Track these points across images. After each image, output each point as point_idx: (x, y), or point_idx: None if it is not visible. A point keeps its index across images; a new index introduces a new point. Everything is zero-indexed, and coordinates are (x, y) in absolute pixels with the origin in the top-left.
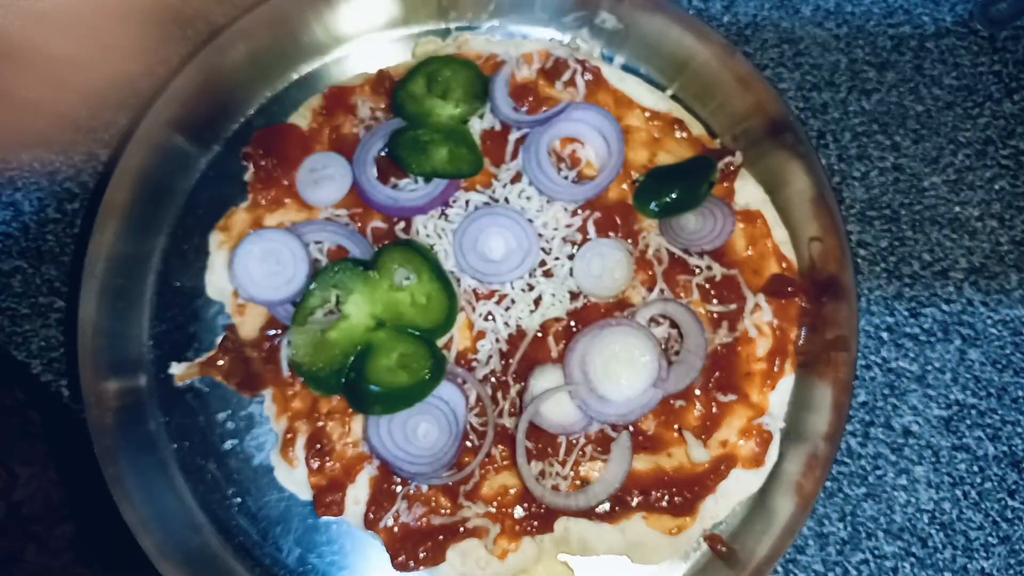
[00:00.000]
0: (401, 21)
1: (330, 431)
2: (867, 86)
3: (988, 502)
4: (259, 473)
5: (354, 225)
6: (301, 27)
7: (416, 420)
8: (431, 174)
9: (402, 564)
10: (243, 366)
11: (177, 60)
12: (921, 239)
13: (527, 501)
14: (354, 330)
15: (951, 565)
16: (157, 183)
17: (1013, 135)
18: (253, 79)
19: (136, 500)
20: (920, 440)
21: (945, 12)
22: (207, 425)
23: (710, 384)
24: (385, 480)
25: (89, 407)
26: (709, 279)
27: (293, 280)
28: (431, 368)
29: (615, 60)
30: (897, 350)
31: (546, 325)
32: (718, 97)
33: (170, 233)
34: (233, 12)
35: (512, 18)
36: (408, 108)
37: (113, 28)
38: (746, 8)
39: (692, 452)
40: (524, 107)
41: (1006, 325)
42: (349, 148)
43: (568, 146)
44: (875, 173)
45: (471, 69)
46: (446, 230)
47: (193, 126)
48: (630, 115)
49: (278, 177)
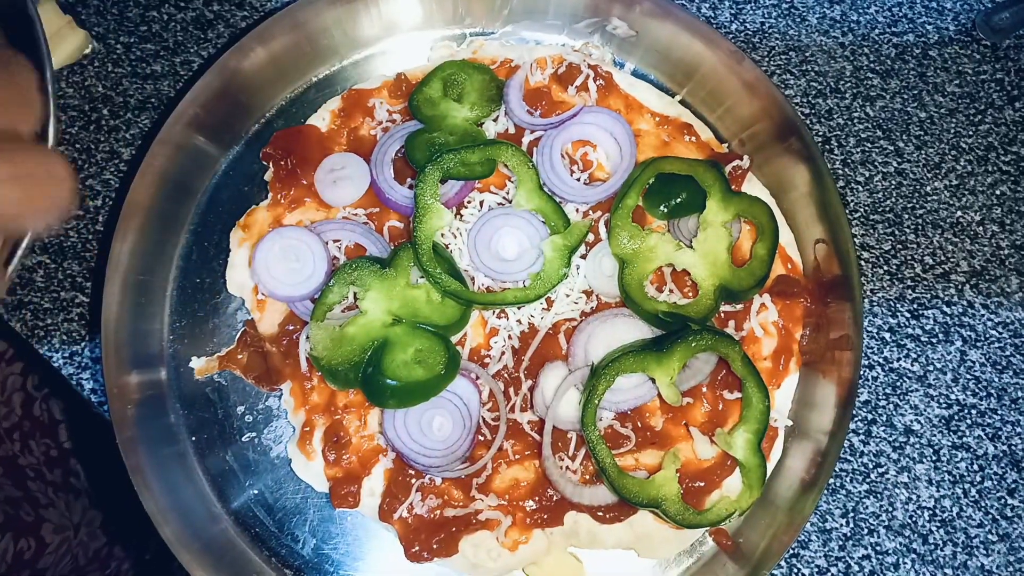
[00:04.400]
0: (418, 26)
1: (347, 424)
2: (871, 93)
3: (988, 500)
4: (276, 465)
5: (371, 224)
6: (320, 31)
7: (431, 414)
8: (446, 176)
9: (416, 555)
10: (262, 361)
11: (198, 63)
12: (923, 242)
13: (538, 494)
14: (371, 326)
15: (951, 561)
16: (179, 182)
17: (1014, 142)
18: (273, 81)
19: (156, 490)
20: (921, 439)
21: (948, 21)
22: (226, 418)
23: (717, 382)
24: (400, 472)
25: (111, 400)
26: None
27: (312, 277)
28: (446, 363)
29: (626, 66)
30: (899, 350)
31: (557, 323)
32: (726, 102)
33: (192, 231)
34: (254, 16)
35: (525, 24)
36: (424, 111)
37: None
38: (754, 16)
39: (698, 448)
40: (537, 111)
41: (1006, 327)
42: (367, 149)
43: (580, 149)
44: (879, 178)
45: (486, 73)
46: (461, 230)
47: (214, 127)
48: (640, 119)
49: (298, 177)
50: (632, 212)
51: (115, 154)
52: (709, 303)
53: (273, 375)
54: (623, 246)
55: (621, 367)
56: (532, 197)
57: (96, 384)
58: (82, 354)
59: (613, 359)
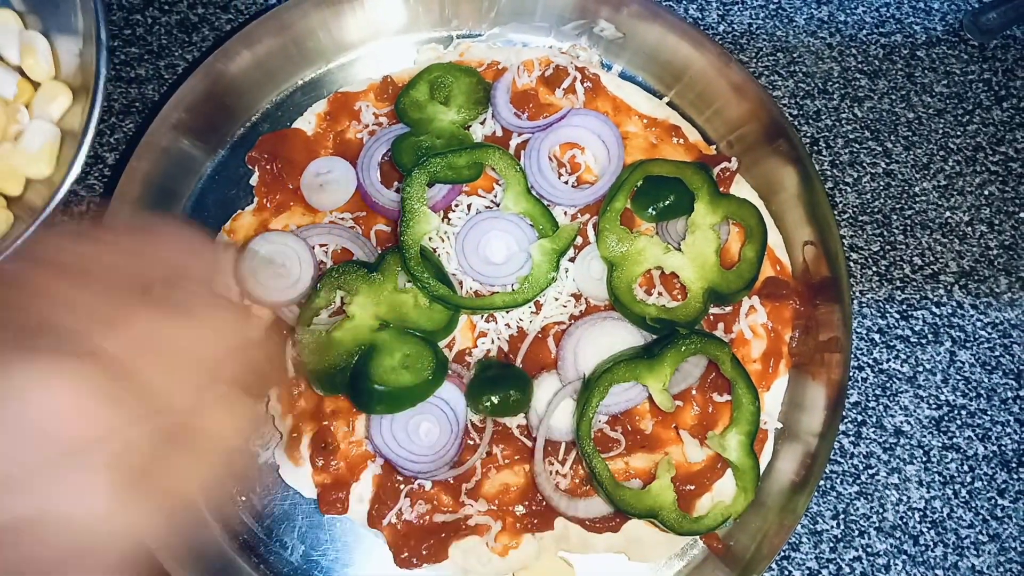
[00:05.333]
0: (404, 28)
1: (335, 430)
2: (859, 94)
3: (978, 501)
4: (264, 471)
5: (358, 228)
6: (306, 34)
7: (418, 419)
8: (433, 180)
9: (405, 561)
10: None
11: (183, 66)
12: (912, 243)
13: (528, 499)
14: (358, 331)
15: (942, 562)
16: (164, 187)
17: (1002, 142)
18: (258, 84)
19: None
20: (911, 440)
21: (936, 22)
22: None
23: (706, 384)
24: (389, 478)
25: None
26: None
27: (299, 282)
28: (433, 369)
29: (614, 68)
30: (888, 351)
31: (546, 327)
32: (714, 104)
33: None
34: (239, 19)
35: (513, 26)
36: (411, 114)
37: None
38: (741, 18)
39: (688, 451)
40: (525, 113)
41: (995, 327)
42: (353, 153)
43: (568, 151)
44: (867, 179)
45: (473, 76)
46: (448, 233)
47: (199, 131)
48: (628, 122)
49: (284, 181)
50: (620, 215)
51: (99, 159)
52: (698, 306)
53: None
54: (611, 249)
55: (614, 378)
56: (520, 200)
57: None
58: None
59: (605, 370)
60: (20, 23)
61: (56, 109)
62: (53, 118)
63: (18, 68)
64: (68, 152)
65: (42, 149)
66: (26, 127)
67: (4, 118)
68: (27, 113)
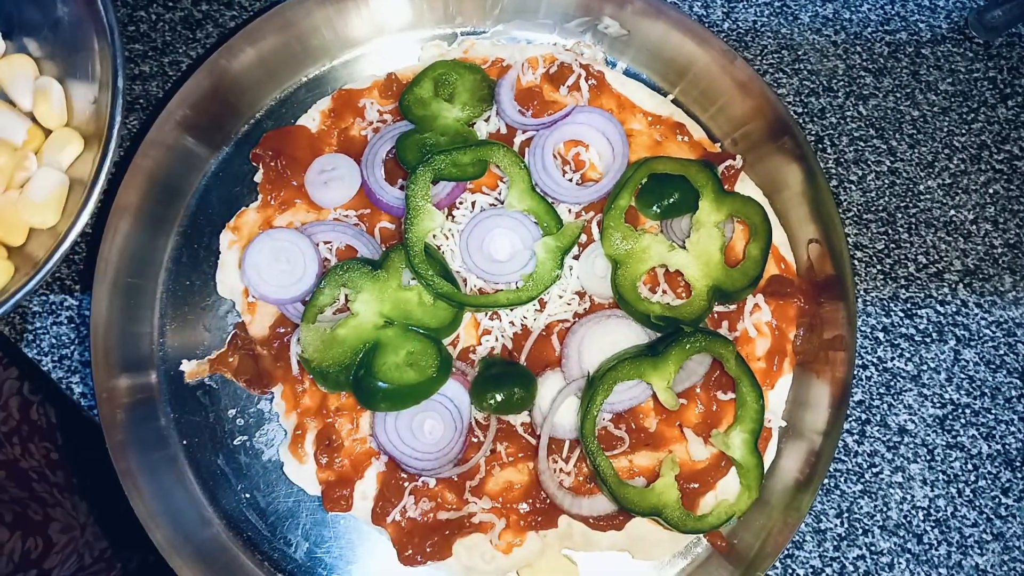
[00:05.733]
0: (409, 25)
1: (339, 427)
2: (864, 91)
3: (982, 499)
4: (268, 469)
5: (362, 225)
6: (310, 31)
7: (422, 417)
8: (437, 177)
9: (409, 558)
10: (253, 363)
11: (187, 63)
12: (916, 242)
13: (531, 496)
14: (363, 328)
15: (946, 561)
16: (168, 184)
17: (1007, 140)
18: (262, 81)
19: (147, 494)
20: (915, 438)
21: (941, 19)
22: (217, 421)
23: (711, 382)
24: (393, 475)
25: (101, 403)
26: None
27: (303, 279)
28: (438, 366)
29: (618, 65)
30: (893, 350)
31: (550, 324)
32: (719, 102)
33: (181, 233)
34: (243, 16)
35: (517, 23)
36: (415, 111)
37: None
38: (746, 15)
39: (692, 449)
40: (529, 111)
41: (999, 326)
42: (357, 150)
43: (572, 149)
44: (871, 177)
45: (477, 73)
46: (453, 231)
47: (203, 128)
48: (633, 119)
49: (288, 178)
50: (625, 212)
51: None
52: (702, 304)
53: (264, 378)
54: (616, 247)
55: (618, 376)
56: (524, 198)
57: (86, 388)
58: (71, 358)
59: (609, 368)
60: (35, 69)
61: (66, 157)
62: (63, 166)
63: (29, 114)
64: (75, 201)
65: (49, 198)
66: (34, 174)
67: (12, 164)
68: (35, 160)
